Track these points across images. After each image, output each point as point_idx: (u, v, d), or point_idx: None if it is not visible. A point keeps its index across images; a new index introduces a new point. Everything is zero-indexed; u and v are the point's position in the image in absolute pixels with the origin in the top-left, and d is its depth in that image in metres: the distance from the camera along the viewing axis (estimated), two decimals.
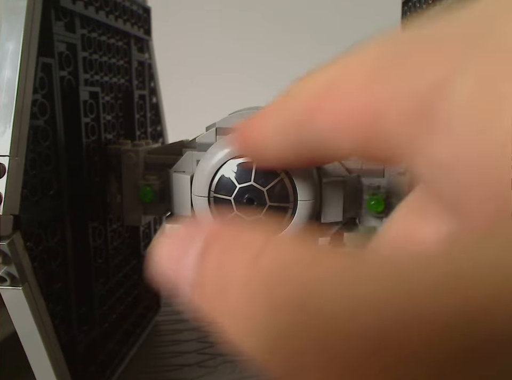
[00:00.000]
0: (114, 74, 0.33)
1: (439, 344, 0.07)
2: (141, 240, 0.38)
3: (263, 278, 0.09)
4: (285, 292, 0.09)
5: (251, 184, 0.23)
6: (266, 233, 0.10)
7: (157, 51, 0.41)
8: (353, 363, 0.08)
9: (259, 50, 0.66)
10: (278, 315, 0.09)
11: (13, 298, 0.22)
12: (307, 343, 0.08)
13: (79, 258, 0.28)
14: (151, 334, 0.41)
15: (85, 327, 0.29)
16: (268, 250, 0.10)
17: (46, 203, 0.25)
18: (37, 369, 0.24)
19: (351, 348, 0.08)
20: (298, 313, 0.08)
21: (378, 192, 0.27)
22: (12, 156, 0.21)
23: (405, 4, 0.37)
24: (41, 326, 0.23)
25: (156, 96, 0.41)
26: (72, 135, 0.27)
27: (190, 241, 0.11)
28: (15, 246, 0.21)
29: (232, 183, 0.24)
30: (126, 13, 0.34)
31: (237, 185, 0.24)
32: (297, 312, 0.08)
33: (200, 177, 0.24)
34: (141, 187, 0.28)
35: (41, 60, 0.24)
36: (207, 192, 0.24)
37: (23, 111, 0.22)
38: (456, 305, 0.07)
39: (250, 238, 0.10)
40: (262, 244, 0.10)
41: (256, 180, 0.23)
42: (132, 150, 0.29)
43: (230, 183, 0.24)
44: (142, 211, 0.30)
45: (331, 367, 0.08)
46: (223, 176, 0.24)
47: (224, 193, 0.24)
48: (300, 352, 0.08)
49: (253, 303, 0.09)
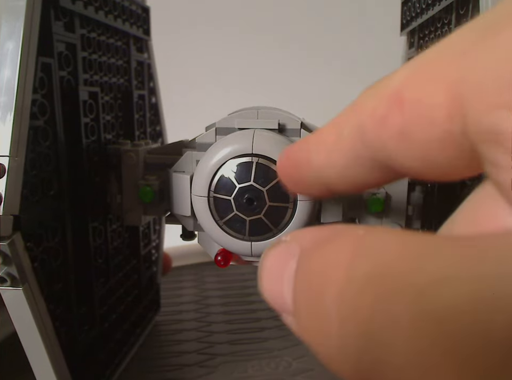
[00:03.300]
0: (114, 74, 0.33)
1: None
2: (140, 241, 0.38)
3: (361, 290, 0.08)
4: (403, 300, 0.08)
5: (251, 184, 0.23)
6: (352, 240, 0.09)
7: (156, 51, 0.41)
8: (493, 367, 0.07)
9: (259, 50, 0.66)
10: (420, 328, 0.08)
11: (13, 299, 0.22)
12: (446, 357, 0.07)
13: (79, 258, 0.28)
14: (151, 334, 0.41)
15: (85, 328, 0.29)
16: (361, 259, 0.09)
17: (46, 203, 0.25)
18: (37, 369, 0.24)
19: (493, 353, 0.07)
20: (432, 324, 0.07)
21: (378, 193, 0.27)
22: (12, 156, 0.21)
23: (404, 4, 0.37)
24: (41, 327, 0.23)
25: (155, 96, 0.41)
26: (72, 135, 0.27)
27: (286, 262, 0.10)
28: (15, 246, 0.21)
29: (232, 183, 0.24)
30: (125, 13, 0.34)
31: (236, 185, 0.24)
32: (432, 323, 0.07)
33: (199, 177, 0.24)
34: (141, 187, 0.28)
35: (40, 60, 0.23)
36: (207, 192, 0.24)
37: (23, 111, 0.22)
38: None
39: (336, 252, 0.09)
40: (352, 253, 0.09)
41: (256, 180, 0.23)
42: (132, 150, 0.29)
43: (230, 183, 0.24)
44: (141, 211, 0.30)
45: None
46: (222, 176, 0.24)
47: (223, 193, 0.24)
48: (435, 365, 0.07)
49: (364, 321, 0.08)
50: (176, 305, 0.46)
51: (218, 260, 0.26)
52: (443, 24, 0.28)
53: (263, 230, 0.24)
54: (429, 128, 0.10)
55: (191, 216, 0.27)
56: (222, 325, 0.43)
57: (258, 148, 0.24)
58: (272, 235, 0.24)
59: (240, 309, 0.46)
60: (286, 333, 0.41)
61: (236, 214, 0.24)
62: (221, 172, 0.24)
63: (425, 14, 0.30)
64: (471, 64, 0.09)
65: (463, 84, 0.09)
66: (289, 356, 0.38)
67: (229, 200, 0.24)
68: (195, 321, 0.43)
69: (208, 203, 0.24)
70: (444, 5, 0.27)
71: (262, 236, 0.24)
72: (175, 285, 0.51)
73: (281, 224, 0.24)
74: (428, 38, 0.32)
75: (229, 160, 0.24)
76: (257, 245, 0.25)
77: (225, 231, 0.24)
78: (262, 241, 0.24)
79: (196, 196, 0.25)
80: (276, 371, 0.36)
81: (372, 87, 0.12)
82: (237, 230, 0.24)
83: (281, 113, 0.25)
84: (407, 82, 0.11)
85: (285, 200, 0.24)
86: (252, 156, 0.24)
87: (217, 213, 0.24)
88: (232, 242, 0.25)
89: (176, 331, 0.42)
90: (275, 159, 0.23)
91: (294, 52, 0.66)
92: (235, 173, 0.24)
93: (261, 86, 0.63)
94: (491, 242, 0.08)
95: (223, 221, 0.24)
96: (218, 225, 0.24)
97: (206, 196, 0.24)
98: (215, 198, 0.24)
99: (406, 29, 0.36)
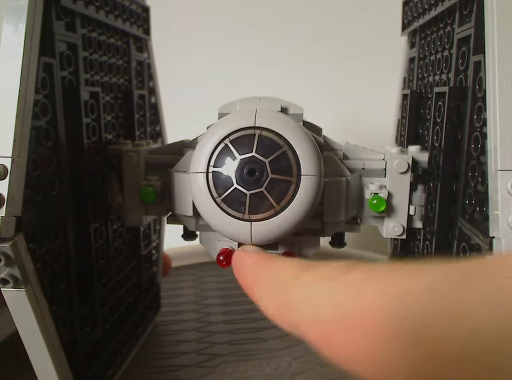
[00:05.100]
0: (114, 74, 0.33)
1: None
2: (141, 241, 0.38)
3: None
4: None
5: (253, 156, 0.23)
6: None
7: (156, 51, 0.40)
8: None
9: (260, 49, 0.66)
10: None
11: (15, 300, 0.22)
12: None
13: (81, 259, 0.28)
14: (152, 335, 0.41)
15: (87, 328, 0.29)
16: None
17: (48, 204, 0.24)
18: (39, 369, 0.24)
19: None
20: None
21: (380, 192, 0.27)
22: (14, 157, 0.21)
23: (406, 4, 0.37)
24: (43, 328, 0.23)
25: (155, 95, 0.40)
26: (73, 135, 0.27)
27: None
28: (17, 248, 0.21)
29: (233, 155, 0.23)
30: (125, 12, 0.33)
31: (237, 156, 0.23)
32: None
33: (199, 154, 0.24)
34: (143, 187, 0.28)
35: (42, 60, 0.23)
36: (206, 167, 0.23)
37: (25, 112, 0.22)
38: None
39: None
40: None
41: (258, 151, 0.23)
42: (133, 150, 0.29)
43: (231, 155, 0.23)
44: (143, 211, 0.29)
45: None
46: (223, 150, 0.23)
47: (224, 167, 0.23)
48: None
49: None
50: (176, 305, 0.46)
51: (220, 260, 0.25)
52: (446, 24, 0.28)
53: (264, 206, 0.23)
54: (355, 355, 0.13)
55: (192, 216, 0.27)
56: (221, 326, 0.43)
57: (260, 121, 0.23)
58: (274, 214, 0.23)
59: (240, 309, 0.46)
60: (286, 333, 0.41)
61: (235, 188, 0.23)
62: (222, 146, 0.23)
63: (428, 14, 0.30)
64: None
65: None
66: (289, 356, 0.38)
67: (229, 173, 0.23)
68: (195, 321, 0.43)
69: (207, 178, 0.23)
70: (446, 5, 0.27)
71: (263, 214, 0.23)
72: (174, 285, 0.51)
73: (284, 200, 0.23)
74: (430, 38, 0.32)
75: (230, 135, 0.23)
76: (257, 227, 0.23)
77: (223, 210, 0.23)
78: (263, 221, 0.23)
79: (194, 174, 0.24)
80: (276, 371, 0.36)
81: (301, 292, 0.16)
82: (236, 207, 0.23)
83: (284, 101, 0.25)
84: (332, 323, 0.14)
85: (288, 173, 0.23)
86: (254, 128, 0.23)
87: (216, 189, 0.23)
88: (230, 223, 0.23)
89: (176, 331, 0.42)
90: (278, 132, 0.23)
91: (295, 52, 0.66)
92: (236, 146, 0.23)
93: (261, 86, 0.63)
94: None
95: (222, 197, 0.23)
96: (216, 203, 0.23)
97: (205, 172, 0.23)
98: (215, 173, 0.23)
99: (407, 29, 0.36)
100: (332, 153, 0.27)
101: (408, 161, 0.27)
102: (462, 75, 0.25)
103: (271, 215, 0.23)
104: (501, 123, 0.19)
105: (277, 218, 0.23)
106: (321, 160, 0.23)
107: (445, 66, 0.28)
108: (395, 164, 0.27)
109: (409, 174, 0.27)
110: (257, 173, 0.22)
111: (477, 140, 0.22)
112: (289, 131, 0.23)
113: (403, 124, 0.36)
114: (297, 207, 0.23)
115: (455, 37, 0.26)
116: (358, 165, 0.28)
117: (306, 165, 0.23)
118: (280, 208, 0.23)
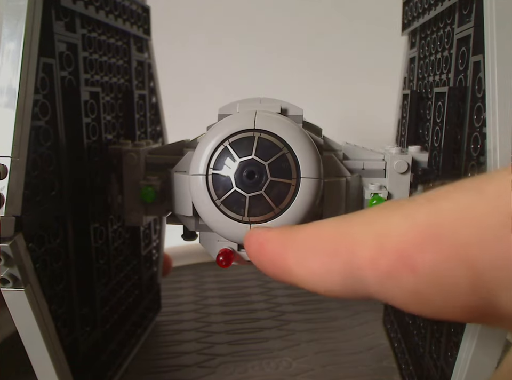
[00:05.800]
0: (114, 74, 0.33)
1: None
2: (141, 241, 0.38)
3: None
4: None
5: (252, 158, 0.23)
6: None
7: (156, 51, 0.40)
8: None
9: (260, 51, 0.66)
10: None
11: (15, 300, 0.22)
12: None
13: (81, 259, 0.28)
14: (152, 335, 0.41)
15: (87, 329, 0.29)
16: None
17: (48, 204, 0.24)
18: (39, 370, 0.24)
19: None
20: None
21: (380, 192, 0.27)
22: (13, 157, 0.21)
23: (406, 4, 0.37)
24: (43, 328, 0.23)
25: (155, 96, 0.40)
26: (73, 135, 0.27)
27: None
28: (17, 247, 0.21)
29: (233, 158, 0.23)
30: (125, 12, 0.34)
31: (237, 159, 0.23)
32: None
33: (198, 156, 0.24)
34: (143, 187, 0.28)
35: (42, 60, 0.23)
36: (205, 170, 0.23)
37: (24, 112, 0.22)
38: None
39: None
40: None
41: (257, 154, 0.23)
42: (133, 150, 0.29)
43: (230, 158, 0.23)
44: (143, 211, 0.29)
45: None
46: (223, 152, 0.23)
47: (223, 169, 0.23)
48: None
49: None
50: (176, 305, 0.46)
51: (220, 260, 0.25)
52: (445, 24, 0.28)
53: (263, 209, 0.23)
54: (450, 297, 0.11)
55: (192, 216, 0.27)
56: (221, 326, 0.43)
57: (260, 123, 0.23)
58: (273, 216, 0.23)
59: (239, 309, 0.46)
60: (286, 333, 0.41)
61: (235, 191, 0.23)
62: (221, 148, 0.23)
63: (427, 14, 0.30)
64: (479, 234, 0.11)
65: (480, 264, 0.11)
66: (289, 356, 0.38)
67: (229, 176, 0.23)
68: (195, 321, 0.43)
69: (206, 181, 0.23)
70: (446, 5, 0.27)
71: (262, 217, 0.23)
72: (174, 285, 0.51)
73: (283, 203, 0.23)
74: (430, 38, 0.32)
75: (230, 137, 0.23)
76: None
77: (222, 212, 0.23)
78: (262, 223, 0.23)
79: (193, 176, 0.24)
80: (276, 371, 0.36)
81: (360, 223, 0.14)
82: (236, 210, 0.23)
83: (284, 102, 0.25)
84: (412, 242, 0.12)
85: (287, 176, 0.23)
86: (254, 131, 0.23)
87: (215, 191, 0.23)
88: (229, 225, 0.23)
89: (176, 331, 0.42)
90: (278, 134, 0.23)
91: (295, 53, 0.66)
92: (236, 148, 0.23)
93: (261, 87, 0.63)
94: None
95: (221, 199, 0.23)
96: (215, 205, 0.23)
97: (204, 174, 0.23)
98: (214, 175, 0.23)
99: (407, 29, 0.36)
100: (332, 153, 0.27)
101: (408, 162, 0.27)
102: (462, 75, 0.25)
103: (270, 217, 0.23)
104: (500, 123, 0.19)
105: (276, 220, 0.23)
106: (320, 163, 0.23)
107: (444, 66, 0.28)
108: (395, 164, 0.27)
109: (409, 175, 0.27)
110: (257, 175, 0.23)
111: (476, 140, 0.22)
112: (289, 133, 0.23)
113: (403, 124, 0.36)
114: (297, 209, 0.23)
115: (454, 37, 0.26)
116: (357, 166, 0.28)
117: (306, 167, 0.23)
118: (280, 211, 0.23)
